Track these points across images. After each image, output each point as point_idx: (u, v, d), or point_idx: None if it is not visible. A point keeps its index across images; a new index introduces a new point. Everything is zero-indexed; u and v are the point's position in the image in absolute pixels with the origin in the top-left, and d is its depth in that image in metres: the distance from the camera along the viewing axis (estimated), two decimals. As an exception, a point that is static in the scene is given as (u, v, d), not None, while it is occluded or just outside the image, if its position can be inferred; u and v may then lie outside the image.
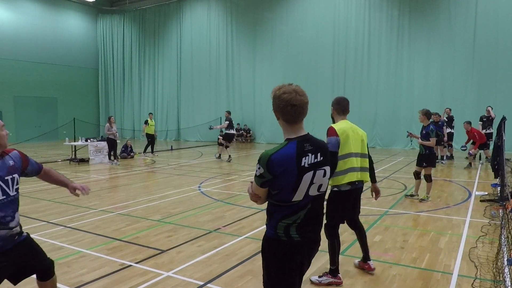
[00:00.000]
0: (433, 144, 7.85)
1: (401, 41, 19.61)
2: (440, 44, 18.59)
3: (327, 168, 2.33)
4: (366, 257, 4.45)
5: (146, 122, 17.29)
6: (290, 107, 2.22)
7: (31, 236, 3.07)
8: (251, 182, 2.35)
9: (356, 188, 4.18)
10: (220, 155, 13.44)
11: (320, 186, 2.30)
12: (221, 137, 14.77)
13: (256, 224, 6.35)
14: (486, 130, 13.77)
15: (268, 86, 23.43)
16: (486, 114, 13.86)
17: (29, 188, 9.52)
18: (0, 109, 24.44)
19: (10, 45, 24.77)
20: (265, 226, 2.44)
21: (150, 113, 18.72)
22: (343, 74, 21.04)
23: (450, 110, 14.66)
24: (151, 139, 17.17)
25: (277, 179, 2.18)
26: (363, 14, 20.50)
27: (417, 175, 8.27)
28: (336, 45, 21.20)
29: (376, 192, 4.59)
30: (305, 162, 2.20)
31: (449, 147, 14.68)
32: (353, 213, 4.39)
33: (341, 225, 4.28)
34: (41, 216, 7.02)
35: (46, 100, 26.81)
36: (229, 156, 14.77)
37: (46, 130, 24.58)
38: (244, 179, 11.11)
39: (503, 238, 5.17)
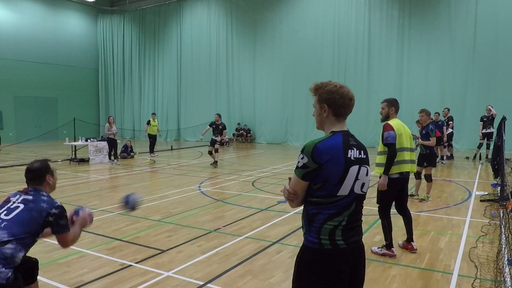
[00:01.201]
0: (433, 143, 7.87)
1: (401, 41, 19.59)
2: (440, 44, 18.57)
3: (369, 168, 2.25)
4: (409, 239, 5.11)
5: (148, 123, 17.30)
6: (349, 100, 2.23)
7: None
8: (289, 179, 2.20)
9: (404, 178, 4.97)
10: (216, 162, 13.36)
11: (363, 184, 2.18)
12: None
13: (256, 224, 6.31)
14: (486, 130, 13.76)
15: (268, 86, 23.43)
16: (486, 114, 13.85)
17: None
18: (0, 109, 24.44)
19: (10, 45, 24.73)
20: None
21: (153, 113, 18.68)
22: (343, 74, 21.00)
23: (449, 110, 14.65)
24: (152, 139, 17.19)
25: (322, 169, 2.05)
26: (363, 14, 20.49)
27: (417, 175, 8.26)
28: (336, 45, 21.18)
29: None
30: (351, 155, 2.13)
31: (449, 147, 14.69)
32: (402, 200, 5.12)
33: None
34: (41, 216, 7.02)
35: (46, 100, 26.79)
36: (215, 162, 13.48)
37: (46, 130, 24.56)
38: (244, 179, 11.11)
39: (503, 238, 5.17)
